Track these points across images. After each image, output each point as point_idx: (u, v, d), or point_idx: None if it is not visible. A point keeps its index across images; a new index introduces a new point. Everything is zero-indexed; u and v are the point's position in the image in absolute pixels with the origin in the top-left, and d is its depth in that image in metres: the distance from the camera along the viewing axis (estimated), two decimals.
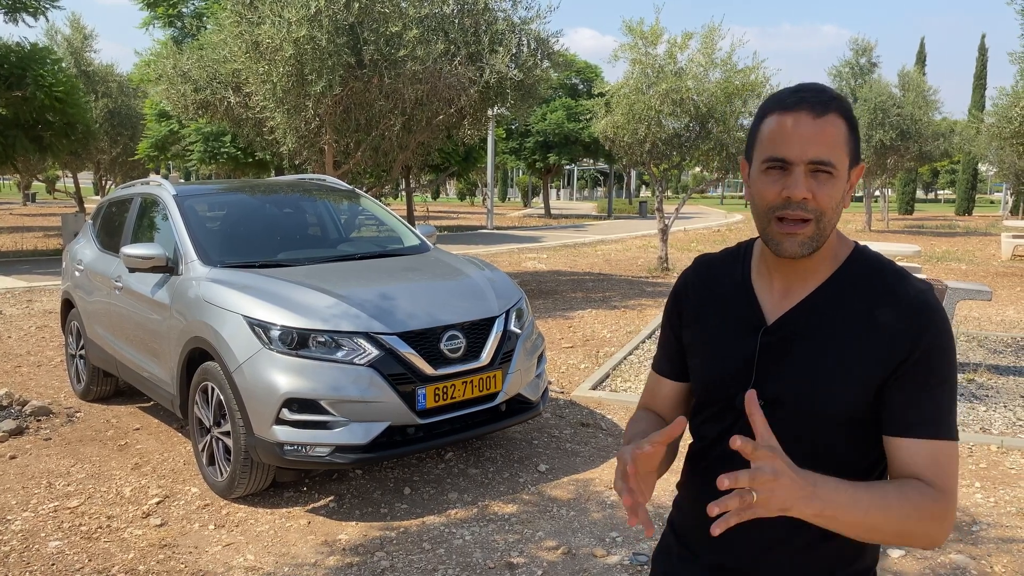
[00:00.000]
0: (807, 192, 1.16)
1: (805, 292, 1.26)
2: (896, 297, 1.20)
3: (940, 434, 1.18)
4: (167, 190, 5.18)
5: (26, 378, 6.58)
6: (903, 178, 40.35)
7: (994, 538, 3.65)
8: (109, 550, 3.56)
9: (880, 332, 1.19)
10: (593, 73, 35.11)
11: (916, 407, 1.18)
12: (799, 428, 1.24)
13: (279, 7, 8.61)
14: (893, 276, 1.23)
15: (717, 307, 1.35)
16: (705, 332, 1.36)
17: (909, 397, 1.18)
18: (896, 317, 1.19)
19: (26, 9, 14.49)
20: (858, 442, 1.24)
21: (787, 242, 1.19)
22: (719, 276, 1.37)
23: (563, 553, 3.50)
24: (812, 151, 1.15)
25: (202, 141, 21.01)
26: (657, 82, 12.55)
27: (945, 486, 1.16)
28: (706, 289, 1.38)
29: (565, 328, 8.71)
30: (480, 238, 22.89)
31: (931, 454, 1.17)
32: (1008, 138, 15.49)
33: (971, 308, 9.94)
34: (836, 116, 1.17)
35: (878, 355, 1.19)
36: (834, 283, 1.25)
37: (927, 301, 1.19)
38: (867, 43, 25.96)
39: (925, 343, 1.17)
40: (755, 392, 1.10)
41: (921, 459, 1.17)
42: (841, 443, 1.24)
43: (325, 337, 3.86)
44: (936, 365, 1.18)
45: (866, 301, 1.22)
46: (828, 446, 1.24)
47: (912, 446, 1.18)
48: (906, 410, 1.18)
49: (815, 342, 1.23)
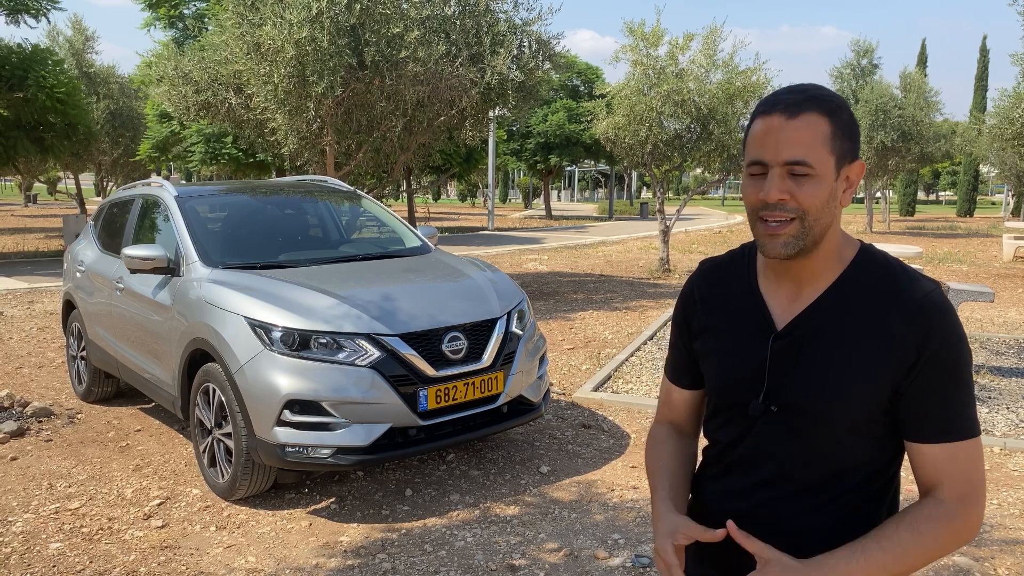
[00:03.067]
0: (782, 194, 1.17)
1: (813, 295, 1.26)
2: (903, 298, 1.20)
3: (956, 435, 1.18)
4: (168, 191, 5.18)
5: (27, 379, 6.57)
6: (904, 179, 40.34)
7: (998, 540, 3.64)
8: (110, 552, 3.56)
9: (889, 334, 1.19)
10: (594, 74, 35.12)
11: (931, 411, 1.19)
12: (814, 432, 1.24)
13: (280, 8, 8.61)
14: (900, 276, 1.23)
15: (726, 313, 1.35)
16: (716, 339, 1.36)
17: (923, 401, 1.19)
18: (904, 319, 1.18)
19: (27, 11, 14.50)
20: (873, 444, 1.24)
21: (770, 243, 1.21)
22: (726, 280, 1.37)
23: (565, 555, 3.50)
24: (785, 152, 1.16)
25: (203, 142, 21.02)
26: (658, 83, 12.55)
27: (967, 486, 1.18)
28: (714, 295, 1.38)
29: (566, 329, 8.71)
30: (481, 239, 22.89)
31: (950, 457, 1.18)
32: (1009, 139, 15.47)
33: (973, 310, 9.92)
34: (813, 115, 1.17)
35: (889, 356, 1.19)
36: (841, 285, 1.25)
37: (935, 301, 1.19)
38: (868, 44, 25.97)
39: (934, 344, 1.17)
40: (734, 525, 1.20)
41: (941, 463, 1.19)
42: (857, 446, 1.24)
43: (326, 338, 3.85)
44: (948, 365, 1.18)
45: (874, 303, 1.21)
46: (845, 449, 1.24)
47: (931, 451, 1.19)
48: (921, 414, 1.19)
49: (825, 346, 1.23)
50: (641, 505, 4.01)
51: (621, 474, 4.45)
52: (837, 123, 1.19)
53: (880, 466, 1.26)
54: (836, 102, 1.19)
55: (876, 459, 1.25)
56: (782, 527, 1.26)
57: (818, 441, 1.24)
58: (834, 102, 1.19)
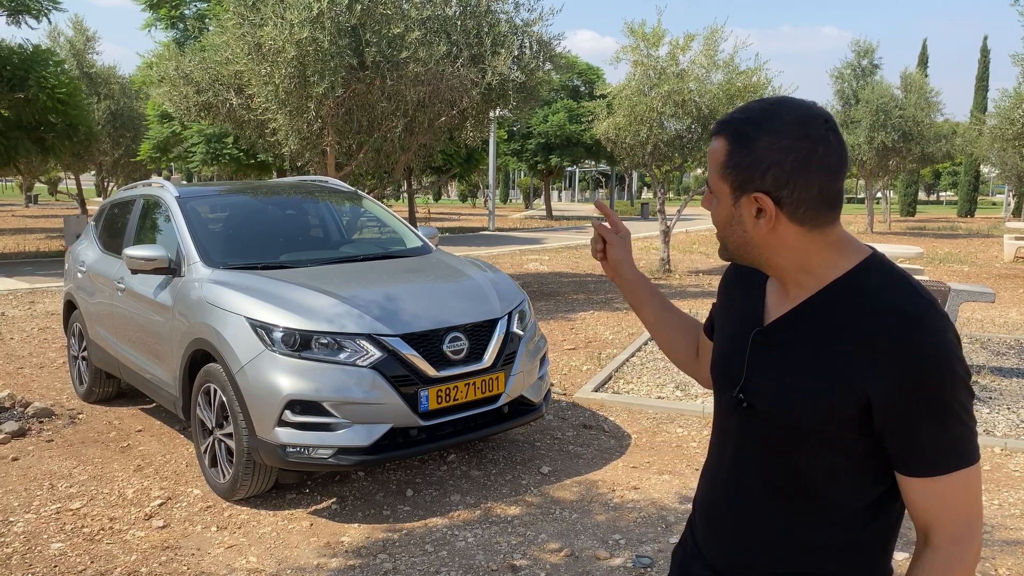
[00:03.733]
0: (708, 205, 1.25)
1: (797, 300, 1.23)
2: (888, 316, 1.11)
3: (942, 468, 1.11)
4: (169, 192, 5.18)
5: (28, 380, 6.58)
6: (905, 180, 40.33)
7: (998, 540, 3.63)
8: (111, 552, 3.56)
9: (866, 349, 1.11)
10: (595, 75, 35.10)
11: (912, 444, 1.11)
12: (778, 436, 1.22)
13: (281, 9, 8.62)
14: (893, 292, 1.13)
15: (739, 301, 1.38)
16: (722, 320, 1.42)
17: (903, 433, 1.11)
18: (884, 339, 1.10)
19: (28, 11, 14.51)
20: (845, 463, 1.18)
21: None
22: (752, 272, 1.38)
23: (566, 555, 3.50)
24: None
25: (204, 143, 21.01)
26: (659, 84, 12.55)
27: (960, 523, 1.12)
28: (739, 282, 1.41)
29: (567, 330, 8.71)
30: (482, 239, 22.89)
31: (938, 492, 1.12)
32: (1010, 139, 15.48)
33: (974, 310, 9.92)
34: (720, 139, 1.19)
35: (862, 372, 1.11)
36: (826, 294, 1.19)
37: (922, 324, 1.09)
38: (869, 45, 25.96)
39: (915, 370, 1.08)
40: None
41: (929, 499, 1.13)
42: (825, 461, 1.18)
43: (328, 339, 3.85)
44: (931, 392, 1.08)
45: (856, 316, 1.14)
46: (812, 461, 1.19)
47: (917, 485, 1.13)
48: (903, 448, 1.12)
49: (790, 352, 1.21)
50: (642, 506, 4.01)
51: (622, 474, 4.46)
52: (740, 150, 1.14)
53: (872, 499, 1.19)
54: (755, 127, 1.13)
55: (865, 488, 1.19)
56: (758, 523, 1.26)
57: (780, 443, 1.22)
58: (751, 127, 1.13)
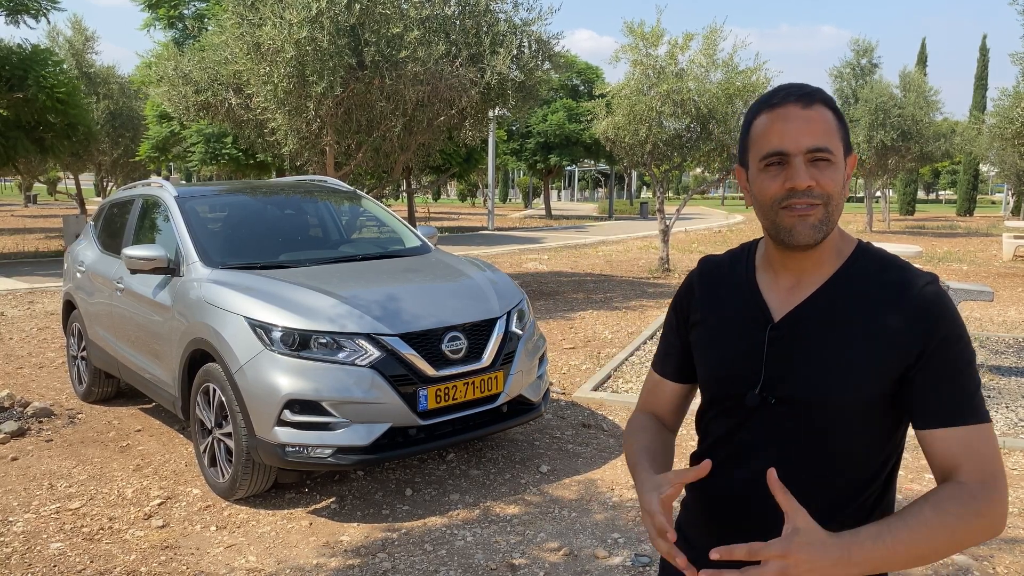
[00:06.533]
0: (810, 180, 1.18)
1: (812, 287, 1.27)
2: (905, 289, 1.21)
3: (970, 419, 1.17)
4: (168, 191, 5.18)
5: (28, 380, 6.58)
6: (904, 179, 40.33)
7: (997, 539, 3.64)
8: (111, 551, 3.56)
9: (890, 325, 1.20)
10: (594, 74, 35.12)
11: (941, 397, 1.18)
12: (812, 425, 1.24)
13: (280, 8, 8.62)
14: (899, 269, 1.24)
15: (723, 306, 1.36)
16: (712, 331, 1.36)
17: (933, 389, 1.18)
18: (907, 309, 1.20)
19: (27, 11, 14.49)
20: (873, 438, 1.25)
21: (799, 225, 1.19)
22: (725, 276, 1.38)
23: (565, 554, 3.50)
24: (807, 140, 1.18)
25: (203, 143, 21.02)
26: (658, 83, 12.55)
27: (986, 471, 1.16)
28: (711, 289, 1.39)
29: (566, 329, 8.71)
30: (481, 239, 22.89)
31: (965, 440, 1.17)
32: (1009, 139, 15.49)
33: (972, 309, 9.92)
34: (822, 106, 1.21)
35: (890, 348, 1.19)
36: (841, 278, 1.26)
37: (935, 292, 1.21)
38: (868, 44, 25.99)
39: (940, 334, 1.18)
40: (775, 472, 1.11)
41: (957, 448, 1.17)
42: (856, 439, 1.24)
43: (326, 338, 3.86)
44: (954, 353, 1.18)
45: (875, 294, 1.22)
46: (843, 442, 1.24)
47: (946, 436, 1.18)
48: (932, 402, 1.19)
49: (824, 336, 1.23)
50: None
51: (621, 473, 4.46)
52: (839, 115, 1.23)
53: (880, 460, 1.26)
54: (831, 97, 1.24)
55: (876, 453, 1.26)
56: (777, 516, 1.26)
57: (818, 434, 1.24)
58: (830, 96, 1.24)
